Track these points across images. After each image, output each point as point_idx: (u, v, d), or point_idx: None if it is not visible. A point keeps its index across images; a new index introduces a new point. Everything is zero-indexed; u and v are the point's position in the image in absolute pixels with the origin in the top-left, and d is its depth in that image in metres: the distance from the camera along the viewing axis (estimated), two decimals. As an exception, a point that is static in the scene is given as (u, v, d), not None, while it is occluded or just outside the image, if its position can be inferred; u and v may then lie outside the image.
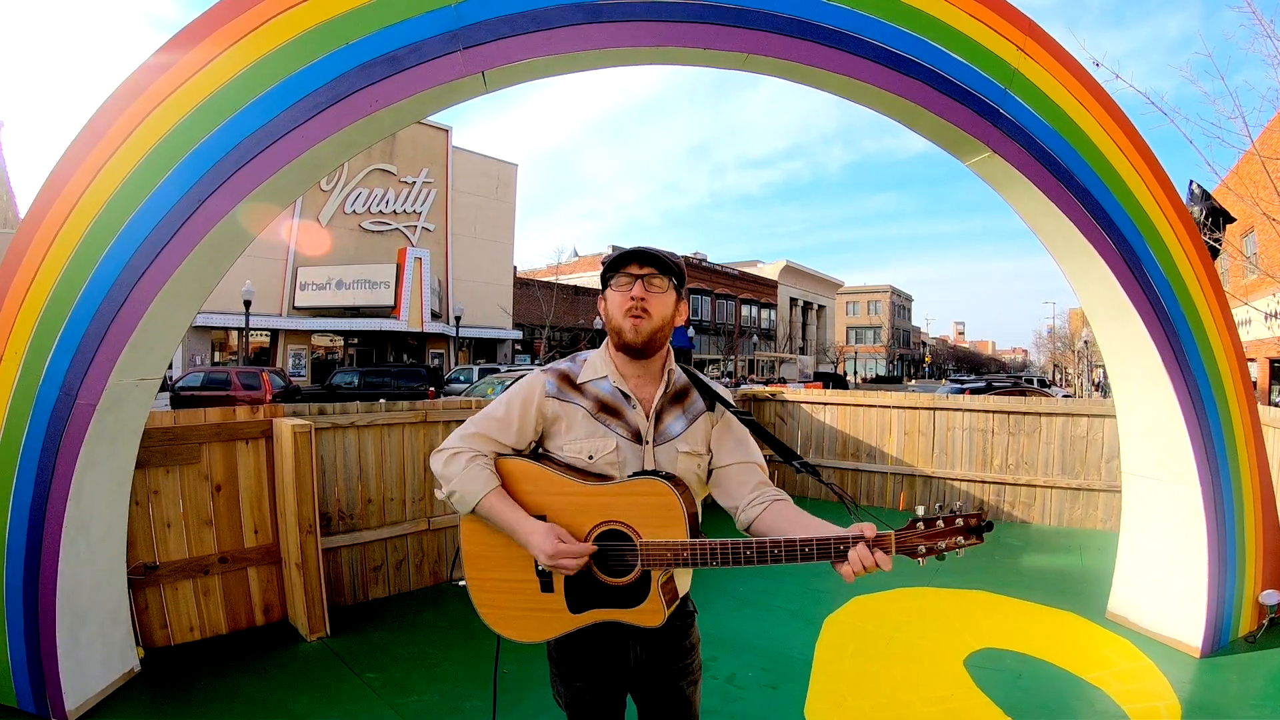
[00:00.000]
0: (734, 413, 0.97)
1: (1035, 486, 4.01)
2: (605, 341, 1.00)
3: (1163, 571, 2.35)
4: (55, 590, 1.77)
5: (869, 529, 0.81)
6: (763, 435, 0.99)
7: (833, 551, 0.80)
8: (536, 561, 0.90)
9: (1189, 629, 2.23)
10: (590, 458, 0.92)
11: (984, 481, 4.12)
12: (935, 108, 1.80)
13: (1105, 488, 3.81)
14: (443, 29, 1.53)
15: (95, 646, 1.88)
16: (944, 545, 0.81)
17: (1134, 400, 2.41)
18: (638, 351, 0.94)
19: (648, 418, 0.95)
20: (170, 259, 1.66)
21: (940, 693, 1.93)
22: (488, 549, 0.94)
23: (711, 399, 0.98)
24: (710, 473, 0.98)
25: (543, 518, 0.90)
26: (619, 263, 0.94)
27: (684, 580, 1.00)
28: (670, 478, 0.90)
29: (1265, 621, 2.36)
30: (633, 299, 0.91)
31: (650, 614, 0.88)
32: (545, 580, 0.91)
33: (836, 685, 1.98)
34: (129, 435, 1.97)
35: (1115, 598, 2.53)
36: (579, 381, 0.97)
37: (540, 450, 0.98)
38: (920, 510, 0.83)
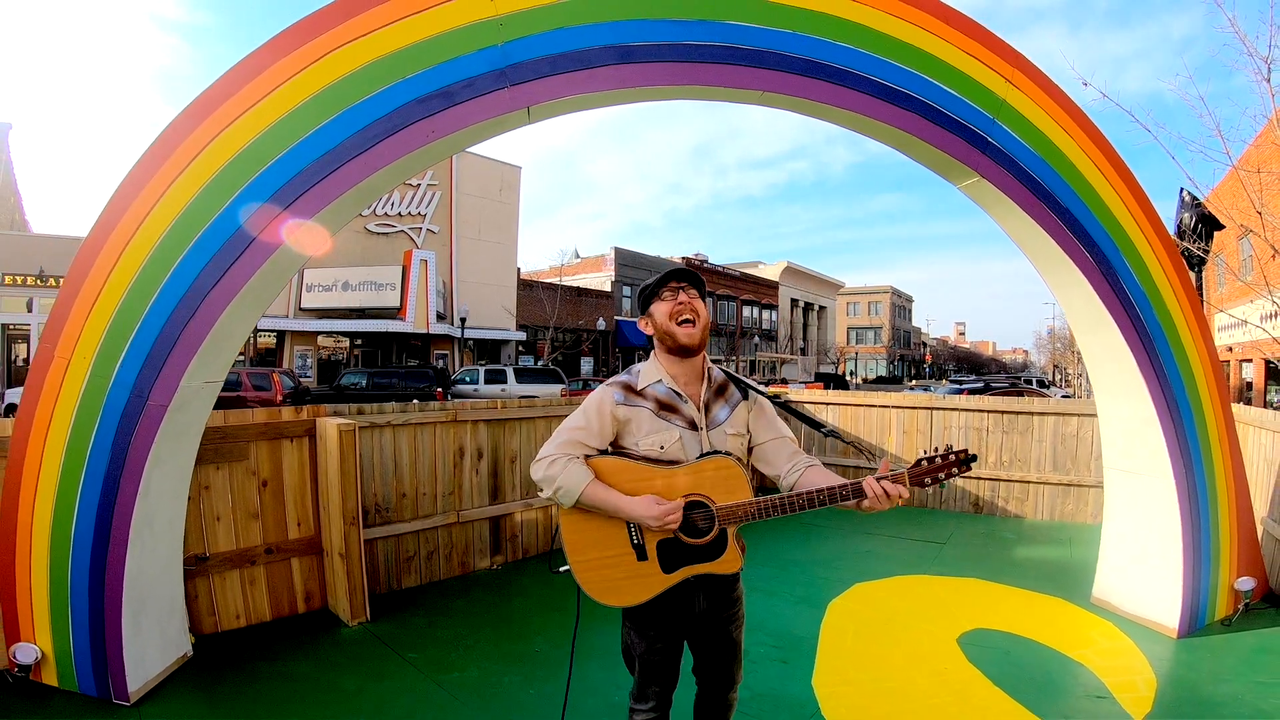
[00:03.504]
0: (766, 398, 1.21)
1: (1028, 482, 4.19)
2: (653, 353, 1.23)
3: (1142, 558, 2.52)
4: (122, 580, 1.89)
5: (882, 467, 1.05)
6: (790, 411, 1.23)
7: (862, 491, 1.04)
8: (631, 535, 1.13)
9: (1167, 612, 2.39)
10: (661, 448, 1.14)
11: (979, 478, 4.30)
12: (929, 137, 1.97)
13: (1095, 483, 3.99)
14: (491, 67, 1.69)
15: (154, 633, 2.02)
16: (943, 475, 1.05)
17: (1113, 401, 2.58)
18: (690, 351, 1.17)
19: (699, 409, 1.17)
20: (240, 273, 1.82)
21: (935, 667, 2.11)
22: (586, 534, 1.14)
23: (744, 389, 1.21)
24: (751, 450, 1.21)
25: None
26: (663, 282, 1.19)
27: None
28: (729, 454, 1.13)
29: (1241, 606, 2.51)
30: (680, 303, 1.17)
31: (730, 562, 1.12)
32: (640, 550, 1.13)
33: (840, 661, 2.15)
34: (193, 433, 2.13)
35: (1099, 584, 2.70)
36: (639, 388, 1.20)
37: (615, 449, 1.19)
38: (922, 452, 1.09)
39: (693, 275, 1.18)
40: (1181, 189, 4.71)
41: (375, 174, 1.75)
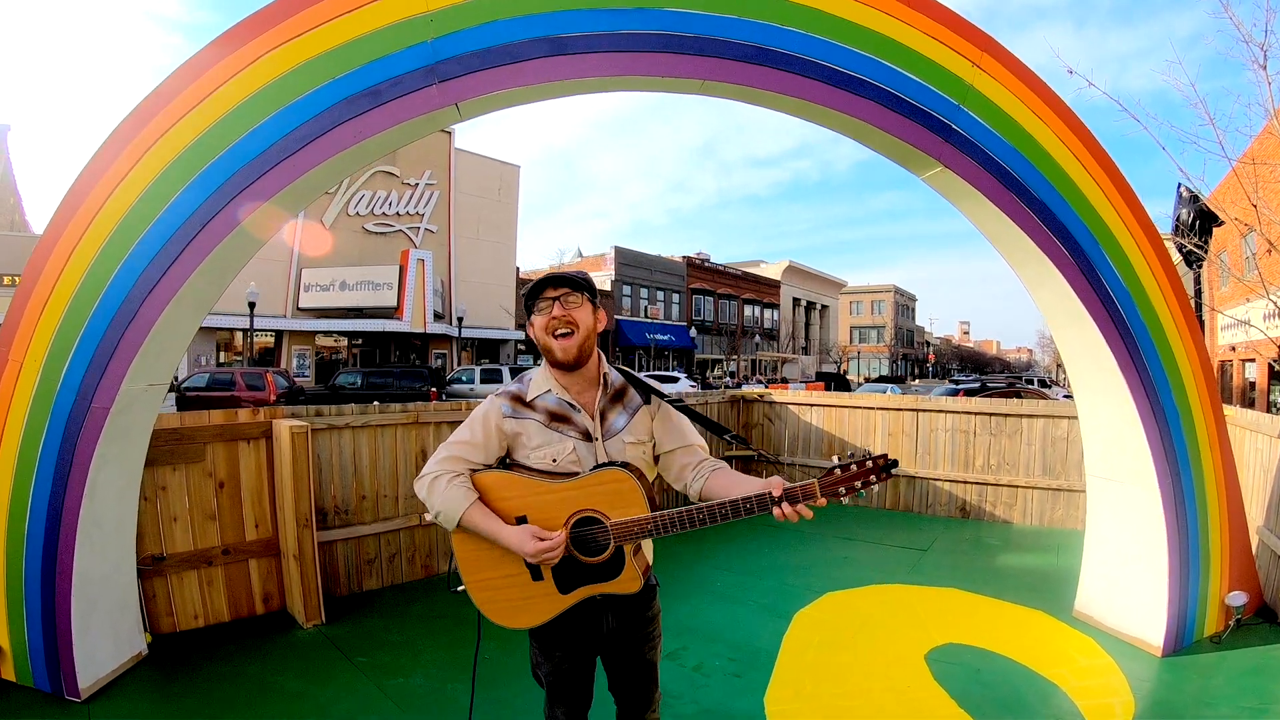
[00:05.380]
0: (669, 402, 1.11)
1: (1016, 487, 4.06)
2: (544, 361, 1.13)
3: (1125, 571, 2.41)
4: (71, 579, 1.90)
5: (775, 484, 0.96)
6: (692, 415, 1.12)
7: (769, 502, 0.95)
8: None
9: (1151, 628, 2.28)
10: (554, 461, 1.07)
11: (966, 482, 4.18)
12: (886, 125, 1.87)
13: (1085, 488, 3.85)
14: (420, 64, 1.64)
15: (106, 631, 2.02)
16: (859, 485, 0.94)
17: (1093, 404, 2.46)
18: (570, 366, 1.07)
19: (593, 418, 1.09)
20: (178, 274, 1.80)
21: (897, 684, 2.01)
22: (479, 552, 1.06)
23: (647, 393, 1.11)
24: (658, 458, 1.12)
25: (523, 518, 1.04)
26: (535, 291, 1.08)
27: (647, 553, 1.14)
28: (627, 465, 1.04)
29: (1232, 622, 2.39)
30: (554, 317, 1.06)
31: (629, 582, 1.03)
32: (534, 570, 1.05)
33: (798, 675, 2.07)
34: (139, 435, 2.11)
35: (1081, 596, 2.58)
36: (528, 399, 1.11)
37: (509, 461, 1.13)
38: (835, 459, 0.98)
39: (574, 279, 1.06)
40: (1180, 184, 4.55)
41: (307, 174, 1.72)
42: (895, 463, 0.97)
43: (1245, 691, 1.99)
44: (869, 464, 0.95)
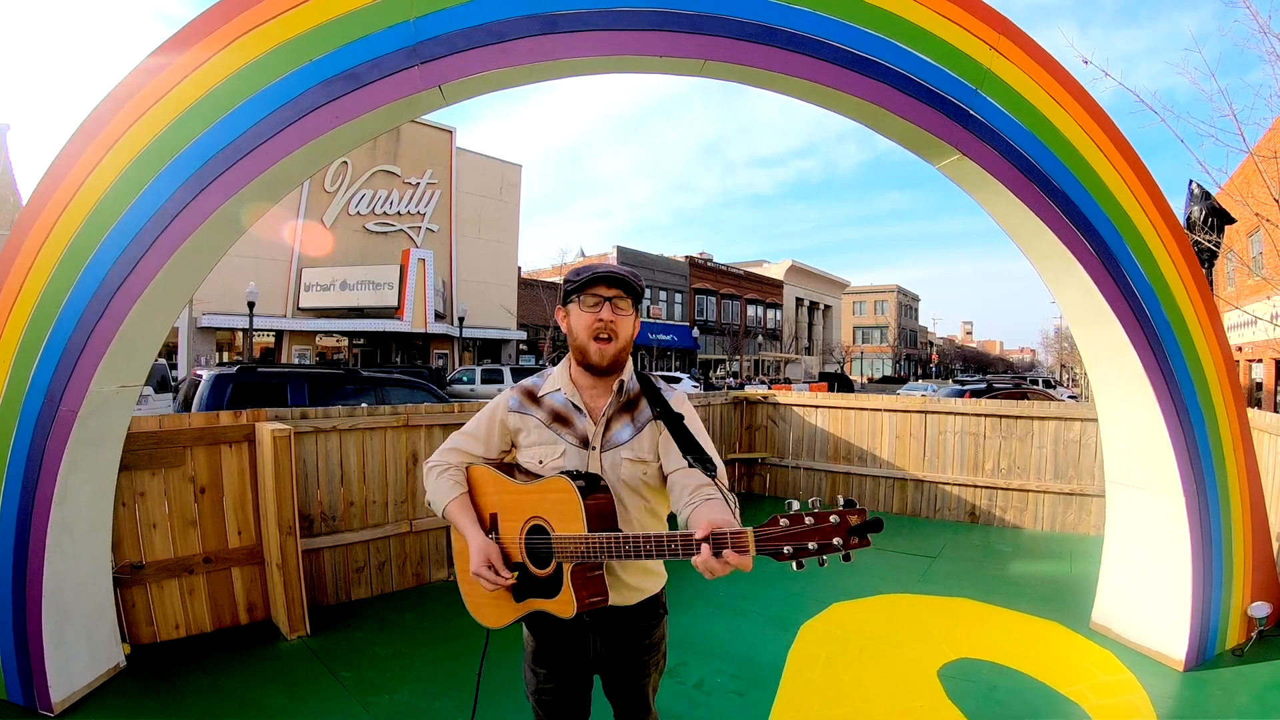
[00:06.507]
0: (668, 420, 0.98)
1: (1027, 491, 3.95)
2: (568, 356, 1.04)
3: (1146, 582, 2.31)
4: (42, 588, 1.82)
5: (705, 526, 0.74)
6: (682, 439, 0.95)
7: (694, 547, 0.74)
8: None
9: (1173, 641, 2.18)
10: (540, 462, 1.00)
11: (975, 486, 4.07)
12: (901, 110, 1.77)
13: (1098, 493, 3.74)
14: (401, 45, 1.55)
15: (80, 642, 1.93)
16: (814, 547, 0.67)
17: (1115, 407, 2.36)
18: (602, 371, 0.99)
19: (598, 425, 1.00)
20: (146, 270, 1.71)
21: (909, 704, 1.91)
22: (464, 545, 1.03)
23: (660, 409, 1.00)
24: (666, 479, 1.01)
25: (495, 515, 1.01)
26: (585, 283, 0.97)
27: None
28: (581, 476, 0.93)
29: (1254, 634, 2.30)
30: (600, 320, 0.96)
31: (564, 605, 0.91)
32: None
33: (804, 693, 1.97)
34: (111, 440, 2.01)
35: (1099, 608, 2.48)
36: (539, 395, 1.05)
37: (512, 459, 1.08)
38: (794, 505, 0.69)
39: (630, 284, 0.97)
40: (1191, 181, 4.43)
41: (281, 162, 1.62)
42: (877, 523, 0.68)
43: (1269, 708, 1.90)
44: (832, 520, 0.66)
